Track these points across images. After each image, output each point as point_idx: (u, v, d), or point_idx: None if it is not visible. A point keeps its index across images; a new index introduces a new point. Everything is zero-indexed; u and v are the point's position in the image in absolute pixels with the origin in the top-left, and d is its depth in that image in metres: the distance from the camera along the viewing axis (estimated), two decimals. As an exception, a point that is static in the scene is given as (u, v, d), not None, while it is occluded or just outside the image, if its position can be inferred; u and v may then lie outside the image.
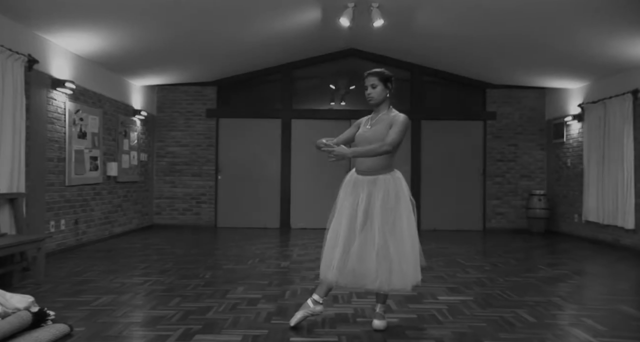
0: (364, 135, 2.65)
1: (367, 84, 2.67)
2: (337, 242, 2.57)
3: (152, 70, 6.81)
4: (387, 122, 2.61)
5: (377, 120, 2.66)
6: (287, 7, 5.49)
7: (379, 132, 2.60)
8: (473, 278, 3.97)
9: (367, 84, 2.67)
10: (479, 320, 2.79)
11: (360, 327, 2.65)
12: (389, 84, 2.68)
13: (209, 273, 4.03)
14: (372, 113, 2.75)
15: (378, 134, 2.59)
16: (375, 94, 2.63)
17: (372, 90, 2.63)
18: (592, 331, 2.62)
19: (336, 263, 2.52)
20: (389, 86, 2.67)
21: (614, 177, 5.96)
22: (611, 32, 4.88)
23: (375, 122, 2.66)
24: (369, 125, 2.68)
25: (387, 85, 2.67)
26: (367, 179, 2.61)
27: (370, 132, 2.63)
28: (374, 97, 2.64)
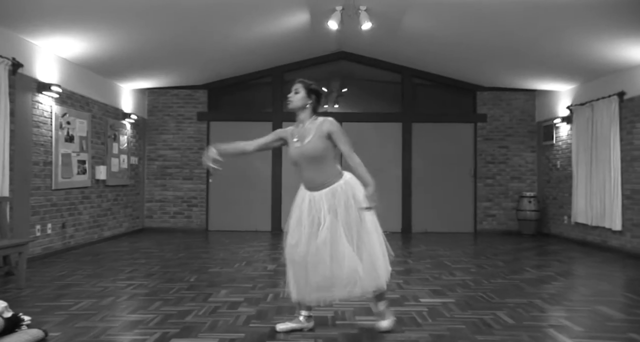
0: (302, 151, 2.59)
1: (292, 88, 2.69)
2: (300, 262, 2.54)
3: (141, 73, 6.81)
4: (315, 132, 2.57)
5: (304, 132, 2.62)
6: (276, 10, 5.51)
7: (317, 146, 2.56)
8: (458, 280, 3.98)
9: (292, 88, 2.69)
10: (458, 322, 2.80)
11: (339, 330, 2.65)
12: (313, 95, 2.66)
13: (194, 277, 4.03)
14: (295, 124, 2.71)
15: (318, 149, 2.56)
16: (295, 99, 2.64)
17: (294, 95, 2.65)
18: (569, 332, 2.63)
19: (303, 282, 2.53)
20: (311, 97, 2.65)
21: (602, 179, 5.99)
22: (597, 35, 4.91)
23: (302, 133, 2.62)
24: (296, 139, 2.64)
25: (310, 95, 2.65)
26: (324, 193, 2.58)
27: (308, 147, 2.57)
28: (293, 102, 2.65)
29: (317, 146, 2.55)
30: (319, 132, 2.56)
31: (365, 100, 8.47)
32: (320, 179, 2.59)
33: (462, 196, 7.99)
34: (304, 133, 2.61)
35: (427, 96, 8.38)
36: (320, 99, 2.70)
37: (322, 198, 2.57)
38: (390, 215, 7.85)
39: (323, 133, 2.56)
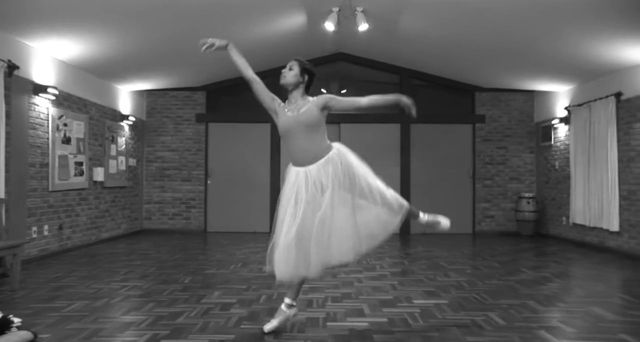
0: (297, 119, 2.58)
1: (287, 65, 2.73)
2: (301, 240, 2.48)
3: (139, 75, 6.83)
4: (311, 104, 2.62)
5: (296, 106, 2.64)
6: (272, 12, 5.52)
7: (312, 114, 2.59)
8: (452, 281, 3.97)
9: (287, 65, 2.73)
10: (449, 323, 2.79)
11: (329, 332, 2.65)
12: (306, 75, 2.71)
13: (189, 278, 4.03)
14: (285, 102, 2.73)
15: (314, 117, 2.58)
16: (288, 75, 2.68)
17: (288, 71, 2.69)
18: (559, 333, 2.63)
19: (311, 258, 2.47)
20: (304, 76, 2.70)
21: (600, 180, 5.97)
22: (594, 36, 4.90)
23: (294, 107, 2.64)
24: (287, 109, 2.66)
25: (303, 74, 2.70)
26: (320, 165, 2.57)
27: (304, 115, 2.58)
28: (286, 77, 2.68)
29: (312, 114, 2.58)
30: (315, 104, 2.61)
31: (364, 101, 8.47)
32: (313, 151, 2.58)
33: (461, 197, 7.98)
34: (297, 107, 2.64)
35: (425, 97, 8.37)
36: (312, 80, 2.72)
37: (320, 170, 2.55)
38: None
39: (319, 104, 2.61)
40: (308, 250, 2.48)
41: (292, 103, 2.67)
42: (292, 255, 2.50)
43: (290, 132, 2.62)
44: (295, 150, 2.63)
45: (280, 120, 2.67)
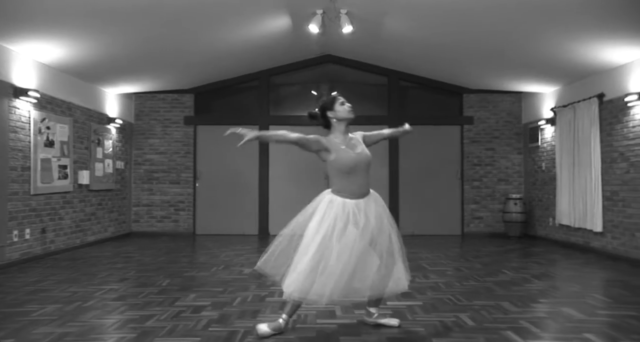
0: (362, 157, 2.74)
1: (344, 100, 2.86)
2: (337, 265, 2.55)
3: (126, 78, 6.83)
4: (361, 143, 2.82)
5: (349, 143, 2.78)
6: (256, 14, 5.52)
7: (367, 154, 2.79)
8: (430, 283, 3.98)
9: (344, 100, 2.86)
10: (418, 325, 2.80)
11: (297, 334, 2.65)
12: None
13: (167, 281, 4.03)
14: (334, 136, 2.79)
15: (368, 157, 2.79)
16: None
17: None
18: (526, 333, 2.64)
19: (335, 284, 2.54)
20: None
21: (584, 181, 5.99)
22: (577, 38, 4.92)
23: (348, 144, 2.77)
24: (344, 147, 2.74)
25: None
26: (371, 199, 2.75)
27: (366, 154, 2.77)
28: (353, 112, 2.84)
29: (369, 155, 2.79)
30: (363, 143, 2.83)
31: (352, 103, 8.47)
32: (368, 186, 2.77)
33: (450, 199, 7.99)
34: (350, 143, 2.79)
35: (413, 99, 8.40)
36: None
37: (370, 204, 2.72)
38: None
39: (364, 143, 2.84)
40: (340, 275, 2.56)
41: (344, 140, 2.79)
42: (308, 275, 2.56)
43: (355, 170, 2.73)
44: (356, 183, 2.73)
45: (342, 157, 2.73)
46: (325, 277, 2.54)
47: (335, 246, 2.57)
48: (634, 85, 5.14)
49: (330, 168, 2.76)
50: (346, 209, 2.65)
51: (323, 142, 2.74)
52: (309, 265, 2.57)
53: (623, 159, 5.32)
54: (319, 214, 2.68)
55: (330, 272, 2.54)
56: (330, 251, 2.57)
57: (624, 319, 2.94)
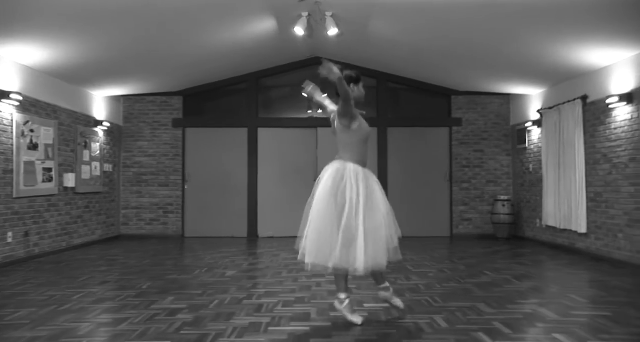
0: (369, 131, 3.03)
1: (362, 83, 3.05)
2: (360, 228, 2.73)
3: (113, 81, 6.83)
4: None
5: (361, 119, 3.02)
6: (242, 17, 5.53)
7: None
8: (411, 285, 3.98)
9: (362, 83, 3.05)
10: (391, 327, 2.80)
11: (268, 336, 2.65)
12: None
13: (148, 284, 4.02)
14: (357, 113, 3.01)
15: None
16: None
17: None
18: (496, 334, 2.64)
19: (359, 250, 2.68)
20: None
21: (569, 182, 6.02)
22: (560, 40, 4.95)
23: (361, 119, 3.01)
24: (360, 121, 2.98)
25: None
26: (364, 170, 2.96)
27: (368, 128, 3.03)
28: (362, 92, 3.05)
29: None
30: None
31: (341, 105, 8.52)
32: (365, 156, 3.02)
33: (438, 200, 8.00)
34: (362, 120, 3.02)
35: (402, 101, 8.43)
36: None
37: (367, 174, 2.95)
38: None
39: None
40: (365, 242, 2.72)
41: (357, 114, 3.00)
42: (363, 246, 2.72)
43: (364, 140, 3.01)
44: (364, 153, 3.01)
45: (364, 126, 3.00)
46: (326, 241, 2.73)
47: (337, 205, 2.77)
48: (615, 87, 5.17)
49: (348, 137, 2.94)
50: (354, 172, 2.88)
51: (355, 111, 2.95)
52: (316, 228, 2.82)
53: (606, 160, 5.35)
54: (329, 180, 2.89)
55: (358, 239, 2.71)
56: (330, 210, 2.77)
57: (596, 319, 2.95)
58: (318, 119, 8.34)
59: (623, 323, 2.87)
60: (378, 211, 2.85)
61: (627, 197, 4.98)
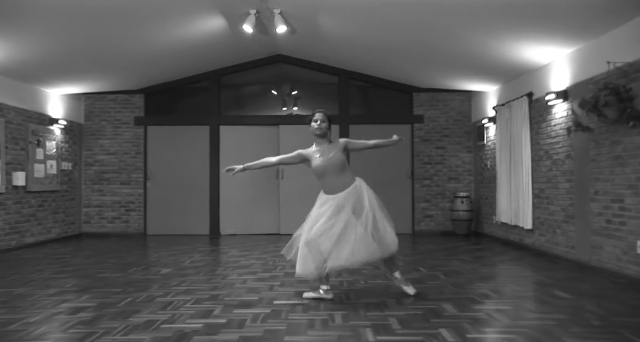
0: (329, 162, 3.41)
1: (317, 118, 3.46)
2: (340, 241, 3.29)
3: (69, 79, 6.80)
4: (336, 148, 3.46)
5: (325, 150, 3.44)
6: (186, 14, 5.50)
7: (340, 157, 3.44)
8: (335, 282, 3.98)
9: (317, 118, 3.46)
10: (283, 324, 2.81)
11: (156, 333, 2.66)
12: (330, 124, 3.53)
13: (73, 282, 4.03)
14: (314, 146, 3.52)
15: (341, 159, 3.44)
16: (323, 127, 3.47)
17: (323, 124, 3.46)
18: (384, 329, 2.67)
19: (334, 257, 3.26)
20: (330, 126, 3.54)
21: (518, 179, 6.04)
22: (508, 37, 4.98)
23: (323, 152, 3.43)
24: (319, 156, 3.43)
25: (329, 125, 3.52)
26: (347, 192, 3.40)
27: (334, 159, 3.41)
28: (322, 129, 3.47)
29: (340, 158, 3.43)
30: (338, 148, 3.46)
31: (303, 103, 8.51)
32: (342, 184, 3.41)
33: (400, 197, 8.02)
34: (326, 151, 3.45)
35: (364, 98, 8.43)
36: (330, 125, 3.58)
37: (348, 196, 3.38)
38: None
39: (341, 148, 3.47)
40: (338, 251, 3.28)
41: (320, 149, 3.47)
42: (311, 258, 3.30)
43: (325, 173, 3.43)
44: (329, 184, 3.45)
45: (314, 164, 3.45)
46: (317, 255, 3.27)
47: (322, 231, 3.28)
48: (555, 84, 5.19)
49: (313, 172, 3.49)
50: (327, 202, 3.39)
51: (303, 154, 3.51)
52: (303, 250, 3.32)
53: (547, 157, 5.38)
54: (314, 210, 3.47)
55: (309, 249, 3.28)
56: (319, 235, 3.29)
57: (492, 313, 2.98)
58: (280, 116, 8.35)
59: (513, 316, 2.92)
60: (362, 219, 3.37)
61: (564, 193, 5.00)
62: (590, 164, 4.50)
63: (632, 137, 3.86)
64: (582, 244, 4.66)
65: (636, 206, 3.83)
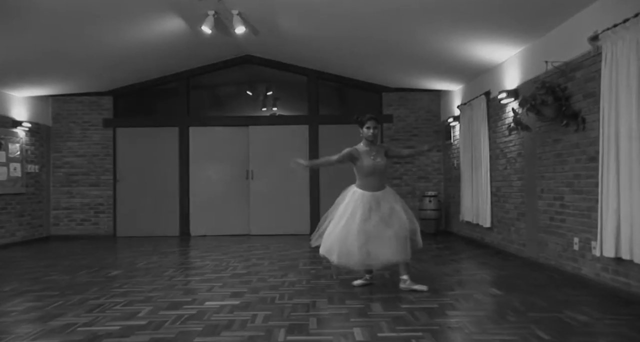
0: (378, 165, 3.78)
1: (370, 125, 3.79)
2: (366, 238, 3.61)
3: (32, 81, 6.76)
4: (382, 152, 3.87)
5: (375, 153, 3.81)
6: (147, 16, 5.45)
7: (384, 161, 3.84)
8: (277, 282, 3.99)
9: (370, 125, 3.79)
10: (200, 325, 2.81)
11: (67, 337, 2.65)
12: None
13: (14, 286, 4.00)
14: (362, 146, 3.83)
15: (384, 163, 3.84)
16: (377, 133, 3.85)
17: (376, 130, 3.81)
18: (300, 329, 2.67)
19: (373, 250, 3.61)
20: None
21: (479, 177, 6.05)
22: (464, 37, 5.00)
23: (375, 154, 3.79)
24: (372, 157, 3.77)
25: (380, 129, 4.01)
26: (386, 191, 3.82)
27: (380, 162, 3.80)
28: (376, 135, 3.82)
29: (385, 161, 3.87)
30: (383, 152, 3.88)
31: (274, 103, 8.50)
32: (382, 184, 3.82)
33: (371, 197, 8.02)
34: (375, 153, 3.81)
35: (333, 98, 8.43)
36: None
37: (386, 195, 3.79)
38: (299, 217, 7.87)
39: (384, 152, 3.89)
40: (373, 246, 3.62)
41: (370, 150, 3.81)
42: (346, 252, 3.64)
43: (373, 173, 3.78)
44: (370, 183, 3.79)
45: (365, 164, 3.77)
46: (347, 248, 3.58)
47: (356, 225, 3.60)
48: (508, 83, 5.20)
49: (357, 170, 3.81)
50: (364, 199, 3.70)
51: (354, 154, 3.81)
52: (336, 236, 3.65)
53: (502, 155, 5.39)
54: (345, 201, 3.80)
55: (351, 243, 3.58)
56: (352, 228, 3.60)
57: (416, 312, 2.99)
58: (249, 117, 8.33)
59: (434, 315, 2.93)
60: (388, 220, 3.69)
61: (516, 191, 5.02)
62: (537, 162, 4.51)
63: (570, 135, 3.87)
64: (531, 241, 4.67)
65: (574, 204, 3.85)
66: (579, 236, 3.78)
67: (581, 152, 3.74)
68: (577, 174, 3.81)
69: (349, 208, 3.70)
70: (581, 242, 3.76)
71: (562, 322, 2.77)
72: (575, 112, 3.70)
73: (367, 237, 3.57)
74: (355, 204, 3.69)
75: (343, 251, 3.60)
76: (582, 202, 3.73)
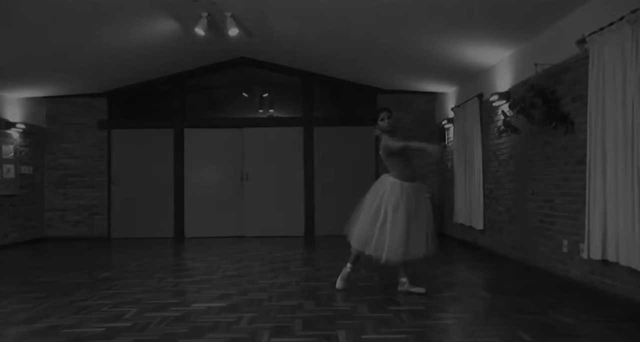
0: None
1: (383, 116, 3.72)
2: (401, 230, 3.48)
3: (26, 82, 6.76)
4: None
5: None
6: (140, 18, 5.45)
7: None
8: (265, 284, 3.98)
9: (383, 116, 3.72)
10: (186, 327, 2.81)
11: (47, 339, 2.64)
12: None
13: (6, 286, 3.99)
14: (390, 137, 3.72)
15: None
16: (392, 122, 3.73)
17: (390, 120, 3.71)
18: (285, 331, 2.66)
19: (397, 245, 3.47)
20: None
21: (472, 179, 6.05)
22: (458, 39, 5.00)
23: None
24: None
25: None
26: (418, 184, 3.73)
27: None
28: (392, 124, 3.73)
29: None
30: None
31: (269, 105, 8.51)
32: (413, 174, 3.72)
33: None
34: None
35: (328, 100, 8.43)
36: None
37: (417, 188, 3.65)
38: (293, 219, 7.86)
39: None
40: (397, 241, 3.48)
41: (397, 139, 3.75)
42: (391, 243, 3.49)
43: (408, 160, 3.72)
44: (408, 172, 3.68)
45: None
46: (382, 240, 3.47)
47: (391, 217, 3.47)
48: (500, 85, 5.21)
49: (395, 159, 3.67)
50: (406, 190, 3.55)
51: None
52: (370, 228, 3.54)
53: (495, 157, 5.39)
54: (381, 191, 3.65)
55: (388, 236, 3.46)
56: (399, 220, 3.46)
57: (402, 314, 2.99)
58: (243, 118, 8.34)
59: (420, 317, 2.91)
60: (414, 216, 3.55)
61: (508, 193, 5.02)
62: (528, 164, 4.52)
63: (559, 138, 3.88)
64: (522, 244, 4.67)
65: (563, 206, 3.85)
66: (568, 239, 3.79)
67: (570, 155, 3.75)
68: (566, 177, 3.82)
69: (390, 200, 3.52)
70: (570, 244, 3.76)
71: (547, 324, 2.77)
72: (564, 115, 3.70)
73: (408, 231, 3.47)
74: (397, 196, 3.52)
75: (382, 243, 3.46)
76: (571, 205, 3.73)
